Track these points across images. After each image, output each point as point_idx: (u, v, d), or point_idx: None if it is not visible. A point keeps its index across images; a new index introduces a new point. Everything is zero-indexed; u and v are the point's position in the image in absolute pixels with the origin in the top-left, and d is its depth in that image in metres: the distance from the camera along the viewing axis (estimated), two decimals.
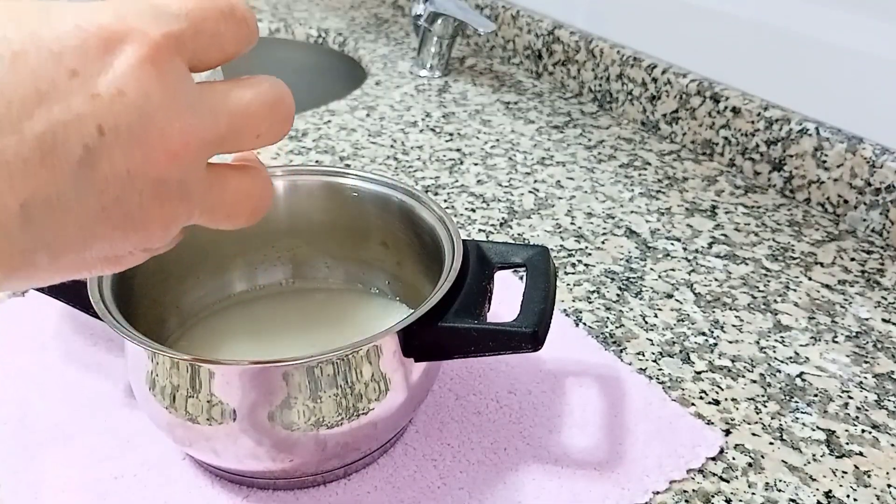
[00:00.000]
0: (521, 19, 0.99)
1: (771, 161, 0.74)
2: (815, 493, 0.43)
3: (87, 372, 0.49)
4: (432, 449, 0.44)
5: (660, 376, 0.50)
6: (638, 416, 0.47)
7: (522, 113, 0.89)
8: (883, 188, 0.65)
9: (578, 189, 0.73)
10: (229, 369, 0.36)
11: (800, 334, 0.55)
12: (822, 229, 0.68)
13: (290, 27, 1.16)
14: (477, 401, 0.48)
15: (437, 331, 0.38)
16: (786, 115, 0.72)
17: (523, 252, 0.43)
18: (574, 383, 0.49)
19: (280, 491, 0.41)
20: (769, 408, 0.48)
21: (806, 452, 0.45)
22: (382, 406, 0.38)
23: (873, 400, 0.49)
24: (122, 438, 0.44)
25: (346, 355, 0.36)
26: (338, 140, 0.81)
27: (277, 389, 0.36)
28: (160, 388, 0.38)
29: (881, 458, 0.45)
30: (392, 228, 0.49)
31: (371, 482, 0.42)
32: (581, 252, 0.63)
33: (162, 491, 0.41)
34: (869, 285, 0.60)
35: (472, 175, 0.75)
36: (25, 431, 0.45)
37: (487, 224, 0.67)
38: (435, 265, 0.44)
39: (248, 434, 0.37)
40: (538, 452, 0.44)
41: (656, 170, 0.77)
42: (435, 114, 0.88)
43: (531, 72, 1.00)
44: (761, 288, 0.60)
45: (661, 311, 0.57)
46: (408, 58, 1.04)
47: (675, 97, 0.81)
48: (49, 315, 0.53)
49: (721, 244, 0.65)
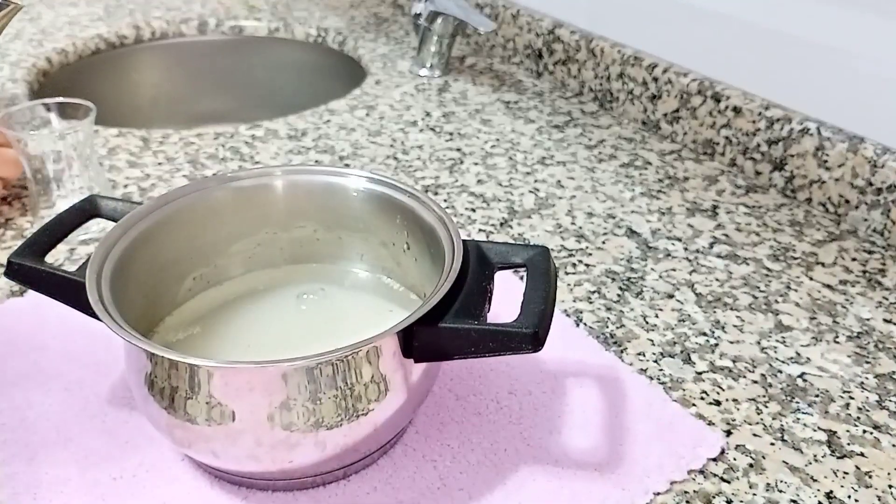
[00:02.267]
0: (522, 18, 0.99)
1: (772, 161, 0.73)
2: (816, 494, 0.42)
3: (86, 372, 0.49)
4: (432, 450, 0.44)
5: (660, 377, 0.50)
6: (638, 417, 0.47)
7: (523, 112, 0.89)
8: (884, 188, 0.65)
9: (579, 189, 0.73)
10: (228, 370, 0.36)
11: (801, 334, 0.55)
12: (824, 229, 0.68)
13: (289, 26, 1.16)
14: (477, 401, 0.47)
15: (437, 331, 0.38)
16: (787, 114, 0.72)
17: (524, 252, 0.43)
18: (574, 384, 0.49)
19: (279, 492, 0.41)
20: (770, 408, 0.48)
21: (807, 453, 0.45)
22: (382, 407, 0.38)
23: (874, 400, 0.49)
24: (121, 439, 0.44)
25: (345, 356, 0.36)
26: (337, 139, 0.81)
27: (277, 390, 0.36)
28: (159, 388, 0.37)
29: (882, 459, 0.45)
30: (392, 228, 0.49)
31: (370, 483, 0.42)
32: (581, 252, 0.63)
33: (161, 492, 0.41)
34: (870, 285, 0.60)
35: (472, 175, 0.75)
36: (25, 432, 0.45)
37: (487, 224, 0.67)
38: (435, 265, 0.44)
39: (247, 435, 0.37)
40: (538, 453, 0.44)
41: (657, 169, 0.77)
42: (435, 113, 0.88)
43: (531, 71, 1.00)
44: (762, 288, 0.59)
45: (661, 311, 0.56)
46: (408, 57, 1.04)
47: (675, 97, 0.81)
48: (49, 315, 0.53)
49: (722, 244, 0.65)
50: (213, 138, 0.80)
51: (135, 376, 0.39)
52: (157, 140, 0.80)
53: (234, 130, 0.82)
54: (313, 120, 0.85)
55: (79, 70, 1.07)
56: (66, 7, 1.20)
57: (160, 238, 0.46)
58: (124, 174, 0.73)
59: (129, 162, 0.75)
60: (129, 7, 1.20)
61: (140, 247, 0.44)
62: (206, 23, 1.17)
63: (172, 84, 1.17)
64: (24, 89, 0.93)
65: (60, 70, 1.04)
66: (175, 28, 1.15)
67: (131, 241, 0.43)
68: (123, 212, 0.46)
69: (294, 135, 0.82)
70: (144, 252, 0.44)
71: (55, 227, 0.45)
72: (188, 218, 0.48)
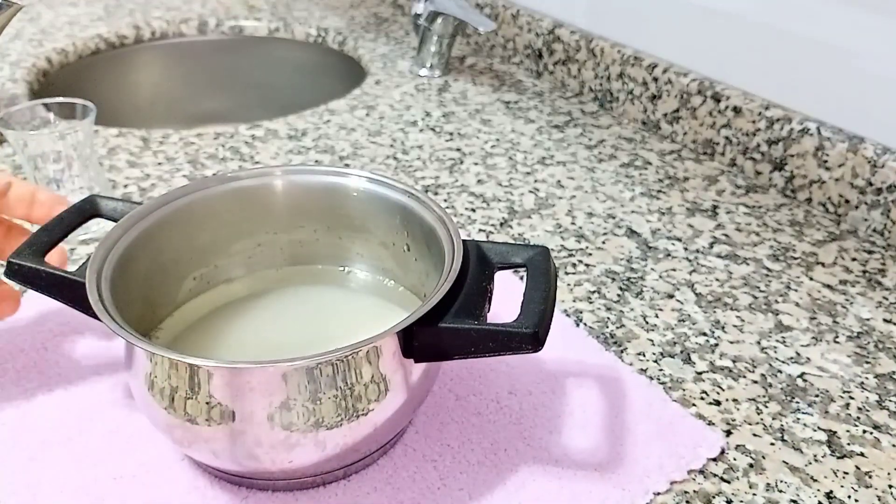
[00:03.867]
0: (522, 18, 0.99)
1: (772, 161, 0.73)
2: (816, 494, 0.42)
3: (86, 372, 0.49)
4: (432, 450, 0.44)
5: (660, 377, 0.50)
6: (639, 417, 0.47)
7: (523, 112, 0.89)
8: (884, 188, 0.65)
9: (579, 189, 0.73)
10: (228, 370, 0.36)
11: (801, 334, 0.55)
12: (824, 229, 0.68)
13: (289, 26, 1.16)
14: (477, 401, 0.47)
15: (437, 331, 0.38)
16: (787, 114, 0.72)
17: (524, 252, 0.43)
18: (574, 384, 0.49)
19: (279, 492, 0.41)
20: (770, 408, 0.48)
21: (807, 453, 0.45)
22: (382, 407, 0.38)
23: (874, 400, 0.49)
24: (121, 439, 0.44)
25: (345, 356, 0.36)
26: (337, 139, 0.81)
27: (276, 390, 0.36)
28: (159, 389, 0.37)
29: (882, 459, 0.45)
30: (392, 228, 0.49)
31: (371, 483, 0.42)
32: (582, 252, 0.63)
33: (161, 492, 0.41)
34: (870, 285, 0.60)
35: (472, 175, 0.75)
36: (25, 432, 0.45)
37: (487, 224, 0.67)
38: (435, 266, 0.44)
39: (247, 435, 0.37)
40: (538, 453, 0.44)
41: (657, 169, 0.77)
42: (435, 113, 0.88)
43: (531, 71, 1.00)
44: (762, 288, 0.59)
45: (661, 311, 0.56)
46: (408, 57, 1.04)
47: (675, 96, 0.81)
48: (49, 315, 0.53)
49: (722, 244, 0.65)
50: (213, 138, 0.80)
51: (135, 376, 0.39)
52: (157, 140, 0.80)
53: (234, 130, 0.82)
54: (313, 120, 0.85)
55: (79, 70, 1.07)
56: (66, 7, 1.20)
57: (160, 238, 0.46)
58: (124, 174, 0.73)
59: (129, 162, 0.75)
60: (129, 7, 1.20)
61: (140, 247, 0.44)
62: (205, 23, 1.17)
63: (172, 84, 1.17)
64: (24, 89, 0.93)
65: (60, 70, 1.04)
66: (175, 28, 1.15)
67: (131, 241, 0.43)
68: (123, 212, 0.46)
69: (294, 135, 0.82)
70: (144, 252, 0.44)
71: (55, 227, 0.45)
72: (188, 218, 0.48)
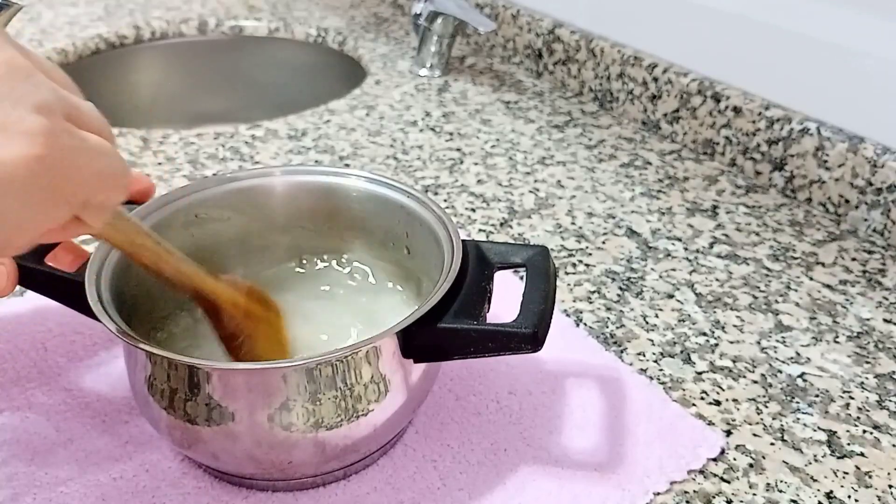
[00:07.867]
0: (522, 18, 0.99)
1: (772, 161, 0.73)
2: (816, 494, 0.42)
3: (86, 373, 0.49)
4: (432, 450, 0.44)
5: (660, 377, 0.50)
6: (638, 417, 0.47)
7: (523, 112, 0.89)
8: (884, 188, 0.65)
9: (579, 189, 0.73)
10: (228, 371, 0.36)
11: (801, 334, 0.55)
12: (824, 229, 0.68)
13: (289, 26, 1.16)
14: (477, 401, 0.47)
15: (437, 332, 0.38)
16: (787, 114, 0.72)
17: (523, 252, 0.43)
18: (574, 384, 0.49)
19: (279, 492, 0.41)
20: (770, 408, 0.48)
21: (807, 453, 0.45)
22: (382, 407, 0.38)
23: (874, 400, 0.49)
24: (122, 439, 0.44)
25: (345, 356, 0.36)
26: (337, 139, 0.81)
27: (276, 391, 0.36)
28: (159, 389, 0.37)
29: (882, 459, 0.45)
30: (392, 228, 0.49)
31: (371, 483, 0.42)
32: (581, 252, 0.63)
33: (161, 492, 0.41)
34: (870, 285, 0.60)
35: (472, 175, 0.75)
36: (25, 432, 0.45)
37: (487, 224, 0.67)
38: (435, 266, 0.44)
39: (246, 436, 0.37)
40: (538, 454, 0.44)
41: (657, 169, 0.77)
42: (435, 113, 0.88)
43: (531, 71, 1.00)
44: (762, 288, 0.59)
45: (661, 311, 0.56)
46: (407, 57, 1.04)
47: (675, 96, 0.81)
48: (49, 315, 0.53)
49: (722, 244, 0.65)
50: (213, 138, 0.80)
51: (134, 377, 0.39)
52: (157, 140, 0.80)
53: (234, 130, 0.82)
54: (313, 120, 0.85)
55: (79, 70, 1.07)
56: (66, 7, 1.20)
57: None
58: None
59: (129, 162, 0.75)
60: (129, 7, 1.20)
61: None
62: (205, 23, 1.17)
63: (172, 84, 1.17)
64: None
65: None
66: (175, 28, 1.15)
67: None
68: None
69: (294, 135, 0.82)
70: None
71: None
72: (188, 218, 0.48)
